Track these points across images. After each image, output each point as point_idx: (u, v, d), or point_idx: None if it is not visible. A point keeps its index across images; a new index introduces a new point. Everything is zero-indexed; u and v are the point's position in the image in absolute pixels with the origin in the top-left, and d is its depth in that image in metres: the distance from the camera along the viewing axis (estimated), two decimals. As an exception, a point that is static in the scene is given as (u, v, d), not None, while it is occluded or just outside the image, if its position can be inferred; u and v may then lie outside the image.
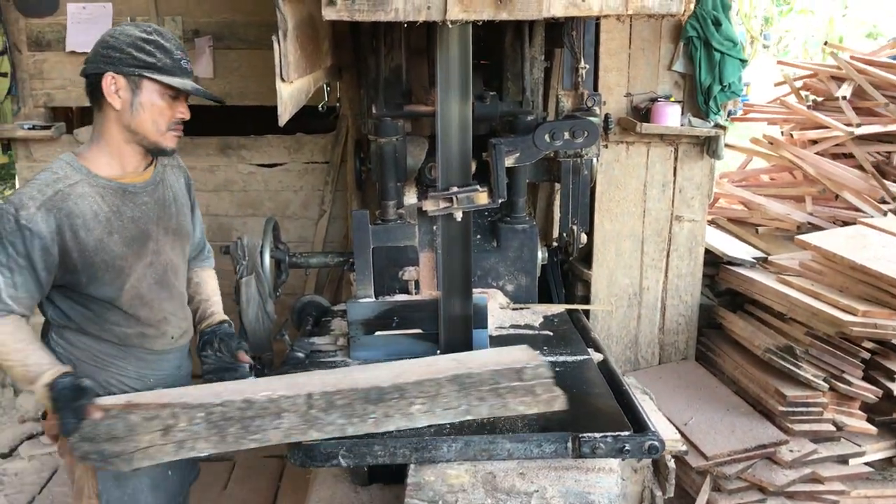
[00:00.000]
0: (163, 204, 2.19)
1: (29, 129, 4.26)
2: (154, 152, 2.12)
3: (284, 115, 1.99)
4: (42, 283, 1.99)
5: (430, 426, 2.05)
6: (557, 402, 2.05)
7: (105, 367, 2.14)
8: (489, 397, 2.04)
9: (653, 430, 2.05)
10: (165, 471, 2.22)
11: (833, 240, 3.87)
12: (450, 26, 2.03)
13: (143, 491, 2.19)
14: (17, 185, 4.54)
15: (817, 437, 3.46)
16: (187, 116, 2.10)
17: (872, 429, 3.53)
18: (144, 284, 2.13)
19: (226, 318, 2.42)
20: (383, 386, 2.02)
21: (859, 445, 3.50)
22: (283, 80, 1.97)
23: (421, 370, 2.11)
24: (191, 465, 2.40)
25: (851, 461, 3.47)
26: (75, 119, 4.62)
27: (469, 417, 2.04)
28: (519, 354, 2.19)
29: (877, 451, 3.57)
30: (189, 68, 2.07)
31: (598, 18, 3.31)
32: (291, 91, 2.07)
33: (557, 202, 3.33)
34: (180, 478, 2.34)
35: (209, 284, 2.50)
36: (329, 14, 1.93)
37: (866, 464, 3.53)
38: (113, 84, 1.99)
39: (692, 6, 3.61)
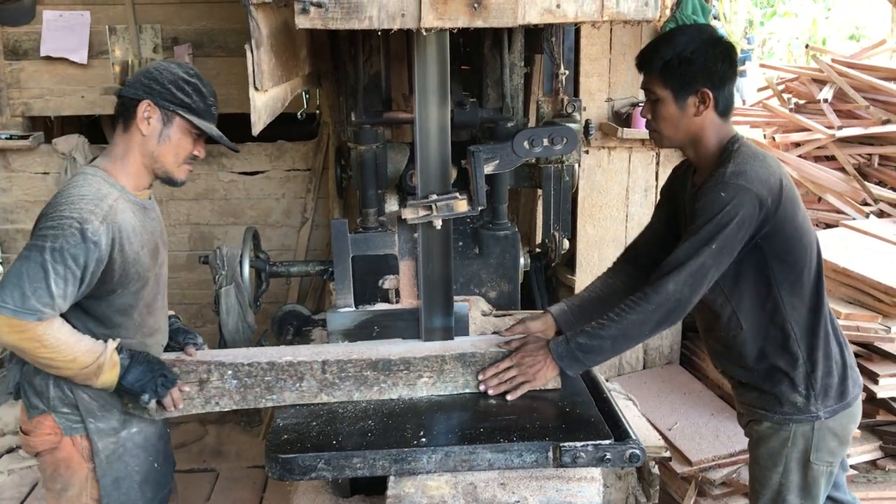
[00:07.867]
0: (159, 220, 2.32)
1: (6, 138, 4.22)
2: (165, 180, 2.23)
3: (258, 125, 1.97)
4: (81, 293, 2.04)
5: (416, 441, 2.04)
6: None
7: None
8: None
9: (634, 438, 2.04)
10: (153, 463, 2.30)
11: (815, 243, 3.86)
12: (424, 34, 2.01)
13: (134, 488, 2.25)
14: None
15: (802, 441, 3.45)
16: (202, 156, 2.25)
17: (857, 431, 3.52)
18: (152, 294, 2.23)
19: (172, 311, 2.50)
20: (392, 359, 2.24)
21: (843, 448, 3.49)
22: (256, 88, 1.94)
23: (433, 348, 2.33)
24: (171, 456, 2.46)
25: (836, 464, 3.47)
26: (55, 128, 4.58)
27: (468, 391, 2.26)
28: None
29: (861, 454, 3.58)
30: (216, 114, 2.23)
31: (574, 25, 3.31)
32: (266, 100, 2.04)
33: (540, 208, 3.32)
34: (165, 469, 2.39)
35: None
36: (302, 23, 1.90)
37: (851, 466, 3.52)
38: (147, 111, 2.10)
39: (668, 12, 3.61)
